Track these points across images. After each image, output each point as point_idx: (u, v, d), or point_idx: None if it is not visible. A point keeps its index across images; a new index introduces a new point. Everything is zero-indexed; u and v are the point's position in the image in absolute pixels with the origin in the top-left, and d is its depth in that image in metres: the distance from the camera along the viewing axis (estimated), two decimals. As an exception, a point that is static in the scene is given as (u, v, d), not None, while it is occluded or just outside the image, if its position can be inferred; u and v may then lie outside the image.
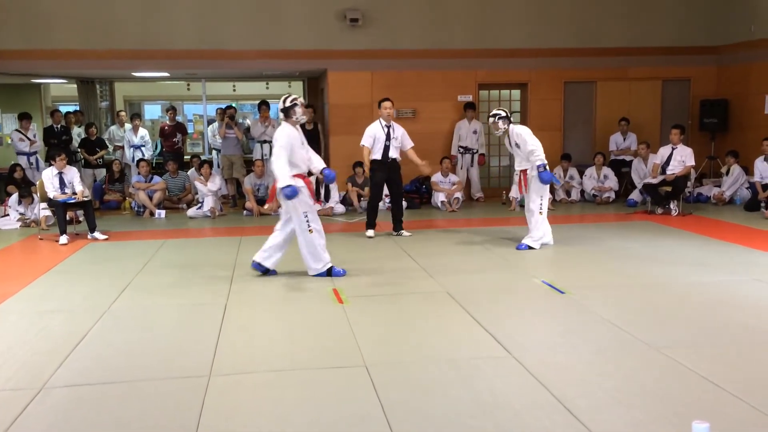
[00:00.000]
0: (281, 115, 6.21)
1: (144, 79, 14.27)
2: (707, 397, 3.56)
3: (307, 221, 6.08)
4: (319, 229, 6.16)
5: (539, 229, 7.38)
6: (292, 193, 5.90)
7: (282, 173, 5.93)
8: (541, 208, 7.34)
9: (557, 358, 4.17)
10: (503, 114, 7.50)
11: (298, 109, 6.15)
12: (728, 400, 3.52)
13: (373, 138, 8.18)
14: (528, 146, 7.26)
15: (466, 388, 3.72)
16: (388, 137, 8.17)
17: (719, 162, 11.56)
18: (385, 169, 8.27)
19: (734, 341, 4.43)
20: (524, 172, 7.48)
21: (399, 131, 8.27)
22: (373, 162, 8.26)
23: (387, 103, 8.23)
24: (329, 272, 6.24)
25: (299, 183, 6.04)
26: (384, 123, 8.20)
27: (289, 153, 6.01)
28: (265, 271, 6.32)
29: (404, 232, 8.40)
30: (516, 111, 12.25)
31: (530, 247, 7.35)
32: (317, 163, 6.39)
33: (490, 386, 3.74)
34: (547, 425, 3.27)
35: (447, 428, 3.27)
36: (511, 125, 7.49)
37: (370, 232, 8.32)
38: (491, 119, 7.54)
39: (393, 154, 8.24)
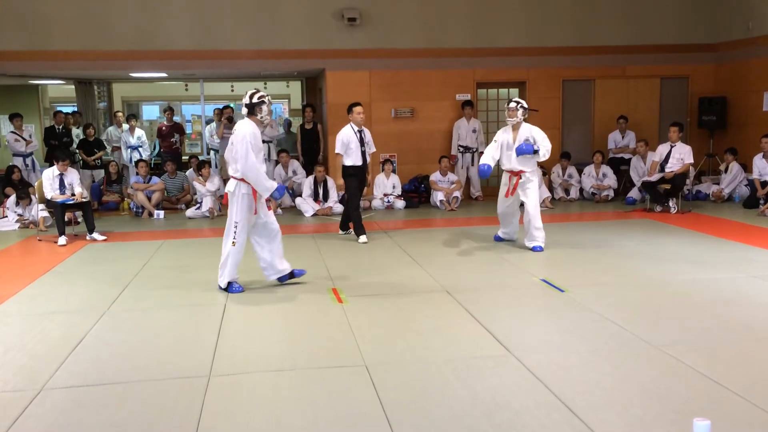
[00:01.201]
0: (244, 110, 5.71)
1: (142, 80, 14.26)
2: (707, 395, 3.56)
3: (235, 233, 5.69)
4: (242, 243, 5.74)
5: (541, 226, 7.28)
6: (281, 194, 5.78)
7: (260, 177, 5.57)
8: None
9: (556, 356, 4.17)
10: (526, 106, 7.32)
11: (265, 108, 5.69)
12: (728, 397, 3.52)
13: (346, 145, 7.93)
14: (545, 142, 7.13)
15: (465, 387, 3.72)
16: (362, 142, 7.98)
17: (718, 159, 11.56)
18: (361, 175, 8.07)
19: (734, 338, 4.43)
20: (519, 174, 7.26)
21: (368, 135, 8.15)
22: (351, 168, 7.98)
23: (359, 108, 8.01)
24: (227, 287, 5.84)
25: (243, 189, 5.64)
26: (356, 128, 7.98)
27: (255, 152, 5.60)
28: (290, 275, 6.06)
29: (352, 232, 8.22)
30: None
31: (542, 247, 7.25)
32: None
33: (489, 385, 3.73)
34: (546, 424, 3.27)
35: (446, 427, 3.27)
36: (524, 123, 7.30)
37: (363, 238, 7.97)
38: (513, 104, 7.27)
39: (367, 158, 8.13)
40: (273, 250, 5.92)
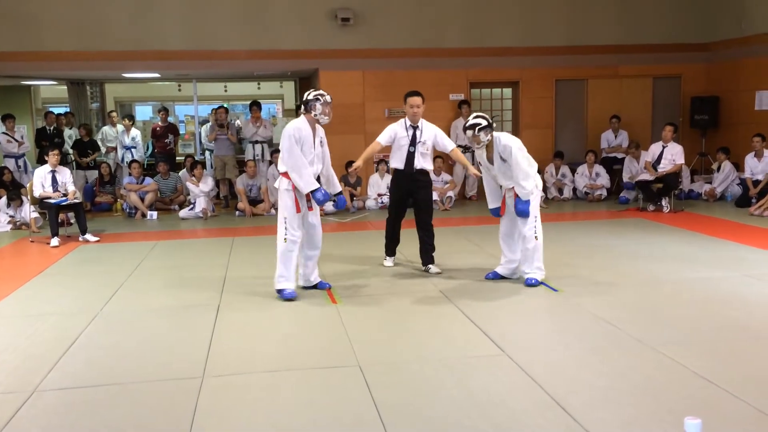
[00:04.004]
0: (302, 108, 5.59)
1: (135, 80, 14.22)
2: (700, 394, 3.57)
3: (285, 228, 5.47)
4: (295, 241, 5.48)
5: (540, 254, 5.88)
6: (323, 198, 5.43)
7: (302, 173, 5.35)
8: (536, 232, 5.79)
9: (551, 356, 4.18)
10: (484, 123, 5.63)
11: (319, 105, 5.44)
12: (721, 396, 3.53)
13: (392, 138, 6.33)
14: (520, 168, 5.64)
15: (460, 387, 3.72)
16: (413, 142, 6.25)
17: (710, 158, 11.61)
18: (407, 183, 6.41)
19: (726, 337, 4.45)
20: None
21: (430, 133, 6.29)
22: (394, 172, 6.54)
23: (415, 99, 6.22)
24: (279, 292, 5.59)
25: (284, 185, 5.46)
26: (409, 123, 6.31)
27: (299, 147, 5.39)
28: (314, 286, 5.86)
29: (432, 268, 6.43)
30: (507, 109, 12.28)
31: (540, 281, 5.86)
32: (333, 184, 5.78)
33: (484, 385, 3.74)
34: (541, 423, 3.27)
35: (441, 427, 3.27)
36: (494, 134, 5.73)
37: (388, 262, 6.75)
38: (469, 132, 5.65)
39: (420, 163, 6.29)
40: (307, 255, 5.75)
